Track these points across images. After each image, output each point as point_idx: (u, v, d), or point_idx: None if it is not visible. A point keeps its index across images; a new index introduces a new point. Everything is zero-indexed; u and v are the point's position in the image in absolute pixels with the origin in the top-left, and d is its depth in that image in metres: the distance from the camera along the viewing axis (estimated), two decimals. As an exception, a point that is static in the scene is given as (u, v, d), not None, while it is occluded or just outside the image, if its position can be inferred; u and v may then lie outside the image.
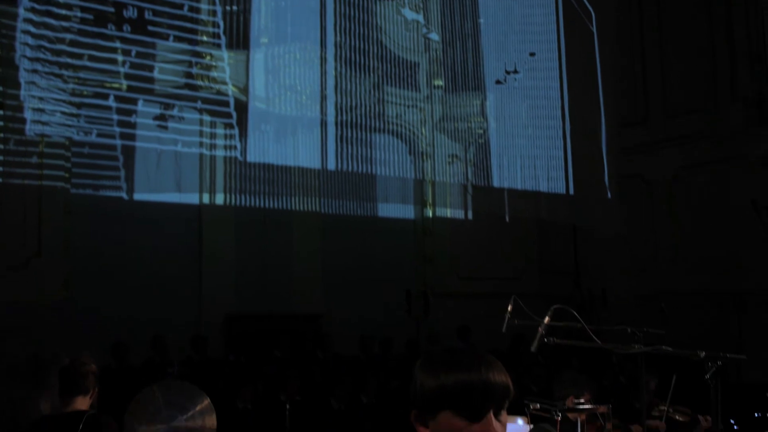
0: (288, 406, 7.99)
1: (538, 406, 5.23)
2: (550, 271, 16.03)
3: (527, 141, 15.19)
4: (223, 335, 12.71)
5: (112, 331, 10.53)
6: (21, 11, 9.43)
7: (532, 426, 5.15)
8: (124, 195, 11.37)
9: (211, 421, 5.16)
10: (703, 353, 3.88)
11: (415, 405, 2.08)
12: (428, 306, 14.02)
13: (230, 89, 11.10)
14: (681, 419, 8.27)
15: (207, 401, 5.20)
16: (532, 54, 14.22)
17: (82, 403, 4.65)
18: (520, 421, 5.64)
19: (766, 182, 13.52)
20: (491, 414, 2.06)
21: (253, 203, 12.55)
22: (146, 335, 10.71)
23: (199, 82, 10.95)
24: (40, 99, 9.57)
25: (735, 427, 8.29)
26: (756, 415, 8.32)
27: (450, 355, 2.14)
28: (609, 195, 15.42)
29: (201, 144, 11.92)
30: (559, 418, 5.29)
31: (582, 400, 5.53)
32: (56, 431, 4.61)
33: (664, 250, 14.98)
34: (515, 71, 13.98)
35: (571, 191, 15.41)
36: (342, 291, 13.65)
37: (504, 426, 2.09)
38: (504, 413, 2.10)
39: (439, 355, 2.15)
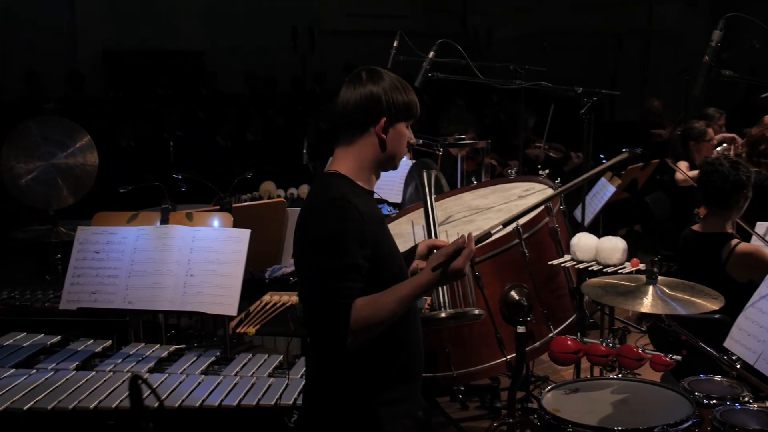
0: (171, 143, 7.93)
1: (421, 141, 5.35)
2: (437, 10, 15.88)
3: None
4: (101, 72, 12.27)
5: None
6: None
7: (414, 161, 5.29)
8: None
9: (92, 158, 5.09)
10: (580, 89, 4.01)
11: (383, 115, 2.41)
12: (314, 43, 13.80)
13: None
14: (555, 156, 8.68)
15: (87, 138, 5.10)
16: None
17: None
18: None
19: None
20: None
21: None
22: (18, 71, 10.23)
23: None
24: None
25: (604, 161, 8.77)
26: (624, 150, 8.79)
27: (399, 77, 2.50)
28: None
29: None
30: (441, 153, 5.44)
31: (464, 137, 5.68)
32: None
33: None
34: None
35: None
36: (225, 27, 13.21)
37: None
38: None
39: (392, 75, 2.48)
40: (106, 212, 3.88)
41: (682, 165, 6.42)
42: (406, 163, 5.51)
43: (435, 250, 2.55)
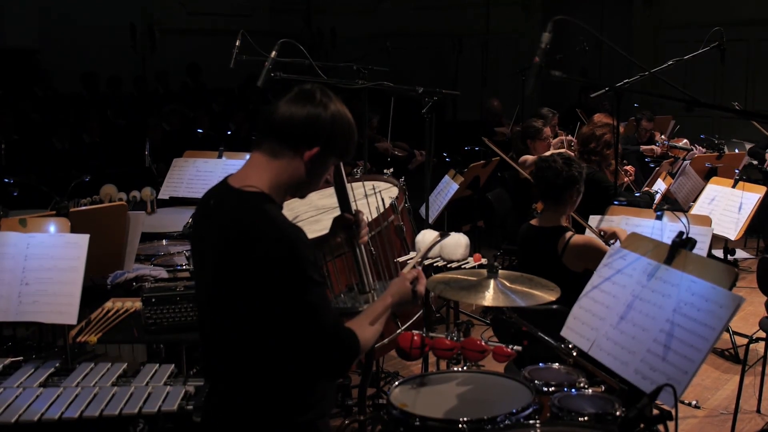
0: (3, 146, 7.56)
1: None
2: (281, 10, 15.82)
3: None
4: None
5: None
6: None
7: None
8: None
9: None
10: (421, 89, 4.09)
11: (318, 144, 2.33)
12: (154, 42, 13.44)
13: None
14: (399, 154, 8.84)
15: None
16: None
17: None
18: (249, 157, 5.73)
19: None
20: None
21: None
22: None
23: None
24: None
25: (447, 159, 9.01)
26: (466, 148, 9.07)
27: (348, 113, 2.43)
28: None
29: None
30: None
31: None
32: None
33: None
34: None
35: None
36: (59, 24, 12.67)
37: None
38: None
39: (344, 107, 2.40)
40: (-71, 220, 3.65)
41: (529, 158, 6.65)
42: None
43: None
